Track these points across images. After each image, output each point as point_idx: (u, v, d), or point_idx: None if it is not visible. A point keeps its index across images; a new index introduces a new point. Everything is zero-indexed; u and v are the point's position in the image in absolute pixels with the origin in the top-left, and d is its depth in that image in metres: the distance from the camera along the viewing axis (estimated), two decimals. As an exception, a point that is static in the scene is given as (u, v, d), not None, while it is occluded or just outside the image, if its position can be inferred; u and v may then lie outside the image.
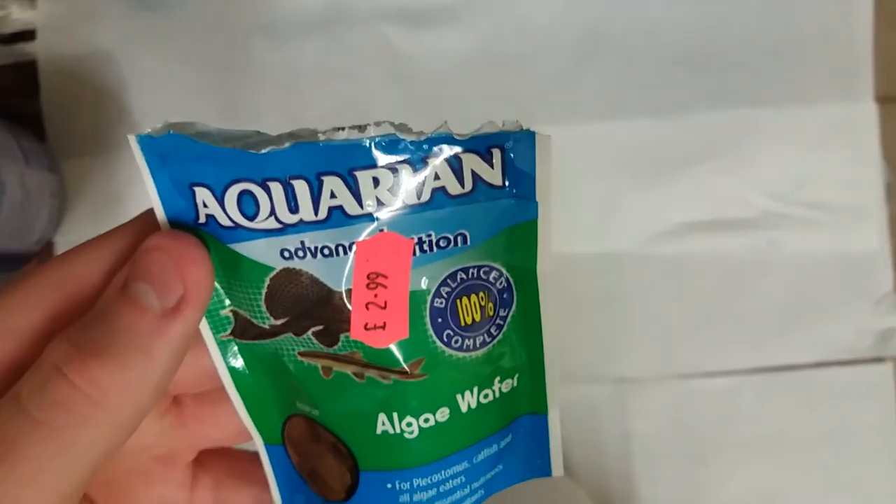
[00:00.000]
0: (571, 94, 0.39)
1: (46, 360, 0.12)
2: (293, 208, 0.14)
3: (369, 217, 0.14)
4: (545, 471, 0.18)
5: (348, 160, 0.13)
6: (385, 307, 0.14)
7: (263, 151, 0.13)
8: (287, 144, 0.13)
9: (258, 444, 0.17)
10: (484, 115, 0.15)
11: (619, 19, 0.39)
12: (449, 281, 0.15)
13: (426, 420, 0.15)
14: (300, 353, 0.15)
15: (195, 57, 0.39)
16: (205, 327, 0.16)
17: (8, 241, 0.35)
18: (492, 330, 0.16)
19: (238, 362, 0.16)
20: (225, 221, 0.14)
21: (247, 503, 0.18)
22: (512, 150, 0.14)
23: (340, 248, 0.14)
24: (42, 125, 0.40)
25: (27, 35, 0.41)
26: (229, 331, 0.16)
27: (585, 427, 0.40)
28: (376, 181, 0.14)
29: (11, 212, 0.34)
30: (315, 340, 0.15)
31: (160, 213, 0.15)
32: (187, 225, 0.15)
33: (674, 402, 0.39)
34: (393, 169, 0.14)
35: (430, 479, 0.16)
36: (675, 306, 0.39)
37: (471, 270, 0.15)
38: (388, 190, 0.14)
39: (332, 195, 0.14)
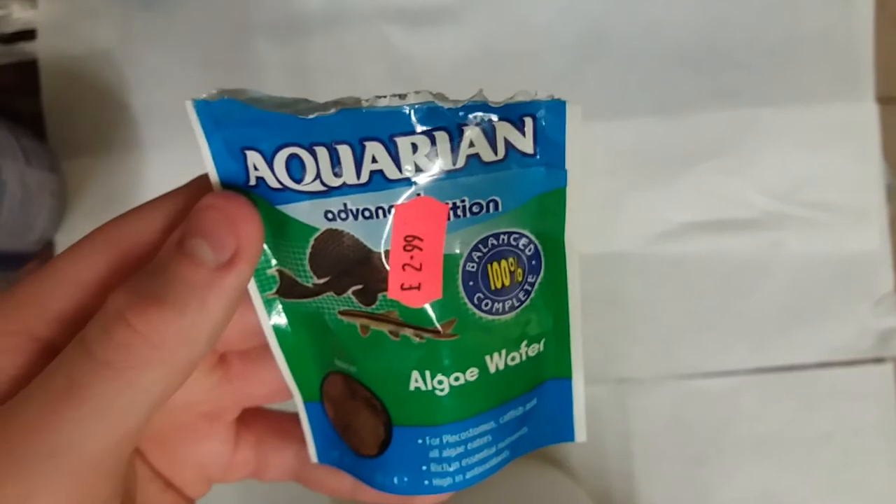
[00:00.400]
0: (572, 93, 0.39)
1: (110, 306, 0.13)
2: (337, 172, 0.14)
3: (407, 181, 0.14)
4: (568, 435, 0.18)
5: (389, 126, 0.14)
6: (420, 269, 0.15)
7: (311, 117, 0.14)
8: (332, 111, 0.14)
9: (297, 400, 0.18)
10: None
11: (620, 19, 0.39)
12: (480, 246, 0.15)
13: (456, 379, 0.16)
14: (340, 312, 0.16)
15: (196, 56, 0.40)
16: (252, 286, 0.16)
17: (8, 240, 0.35)
18: (520, 295, 0.16)
19: (282, 320, 0.17)
20: (274, 184, 0.15)
21: (286, 460, 0.19)
22: (543, 118, 0.15)
23: (380, 211, 0.15)
24: (43, 125, 0.40)
25: (28, 34, 0.41)
26: (275, 289, 0.16)
27: (586, 426, 0.40)
28: (415, 147, 0.14)
29: (12, 211, 0.34)
30: (354, 299, 0.16)
31: (213, 176, 0.15)
32: (239, 186, 0.15)
33: (674, 402, 0.39)
34: (430, 135, 0.14)
35: (459, 437, 0.16)
36: (676, 306, 0.39)
37: (501, 236, 0.15)
38: (425, 156, 0.14)
39: (374, 160, 0.14)
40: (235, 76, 0.39)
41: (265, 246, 0.16)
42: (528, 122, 0.15)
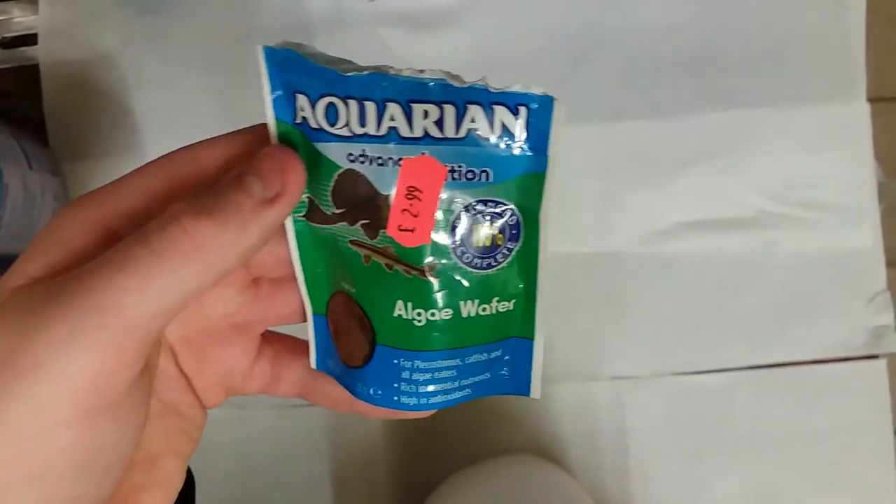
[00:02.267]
0: (569, 95, 0.40)
1: (170, 210, 0.16)
2: (362, 123, 0.17)
3: (416, 141, 0.17)
4: (524, 390, 0.21)
5: (409, 93, 0.17)
6: (416, 216, 0.18)
7: (348, 74, 0.17)
8: (366, 72, 0.17)
9: (308, 312, 0.21)
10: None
11: (617, 22, 0.40)
12: (470, 207, 0.18)
13: (432, 314, 0.19)
14: (350, 241, 0.19)
15: (196, 60, 0.40)
16: None
17: (11, 243, 0.36)
18: (498, 257, 0.19)
19: (305, 240, 0.20)
20: (313, 124, 0.18)
21: (296, 373, 0.22)
22: (535, 110, 0.17)
23: (391, 161, 0.18)
24: (44, 128, 0.40)
25: (29, 39, 0.41)
26: (304, 213, 0.19)
27: (582, 423, 0.40)
28: (426, 113, 0.17)
29: (14, 214, 0.35)
30: (362, 231, 0.19)
31: (269, 111, 0.18)
32: (287, 122, 0.18)
33: (670, 399, 0.40)
34: (440, 106, 0.17)
35: (428, 364, 0.19)
36: (672, 305, 0.40)
37: (489, 203, 0.18)
38: (434, 122, 0.17)
39: (392, 118, 0.17)
40: (236, 80, 0.40)
41: None
42: (522, 110, 0.17)
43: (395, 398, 0.19)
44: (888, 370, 0.40)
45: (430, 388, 0.19)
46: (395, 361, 0.19)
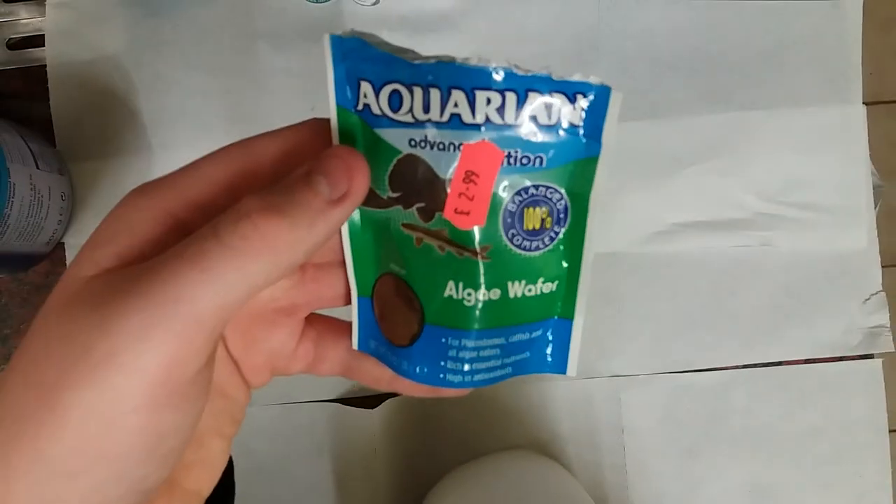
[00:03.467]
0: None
1: (243, 206, 0.17)
2: (426, 109, 0.18)
3: (478, 127, 0.18)
4: (562, 368, 0.21)
5: (473, 80, 0.17)
6: (472, 199, 0.18)
7: (415, 62, 0.18)
8: (432, 61, 0.18)
9: (353, 294, 0.22)
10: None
11: (614, 25, 0.40)
12: (523, 191, 0.19)
13: (482, 294, 0.19)
14: (403, 224, 0.19)
15: (201, 61, 0.40)
16: None
17: (18, 242, 0.36)
18: (545, 240, 0.20)
19: (357, 223, 0.20)
20: (376, 110, 0.19)
21: (338, 353, 0.23)
22: (592, 99, 0.18)
23: (451, 146, 0.18)
24: (51, 129, 0.41)
25: (36, 40, 0.42)
26: None
27: (580, 421, 0.40)
28: (488, 101, 0.18)
29: (21, 213, 0.35)
30: (416, 215, 0.19)
31: (332, 98, 0.19)
32: (348, 109, 0.19)
33: (667, 397, 0.40)
34: (503, 94, 0.18)
35: (475, 343, 0.20)
36: (669, 304, 0.40)
37: (541, 188, 0.19)
38: (495, 109, 0.18)
39: (455, 105, 0.18)
40: (240, 81, 0.40)
41: None
42: (580, 99, 0.18)
43: (441, 376, 0.20)
44: (883, 370, 0.41)
45: (476, 366, 0.20)
46: (443, 340, 0.20)
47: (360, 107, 0.19)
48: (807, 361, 0.41)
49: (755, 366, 0.40)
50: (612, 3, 0.40)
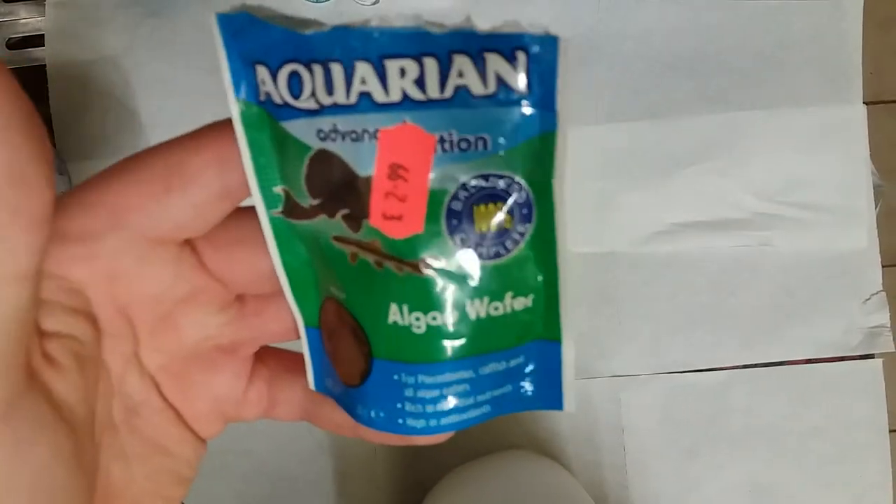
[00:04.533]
0: (567, 98, 0.40)
1: None
2: (329, 90, 0.14)
3: (394, 107, 0.14)
4: (556, 403, 0.17)
5: (378, 47, 0.14)
6: (404, 200, 0.15)
7: (307, 33, 0.14)
8: (328, 27, 0.14)
9: (299, 325, 0.18)
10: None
11: (613, 25, 0.40)
12: (467, 185, 0.15)
13: (433, 318, 0.16)
14: (334, 238, 0.16)
15: (201, 62, 0.40)
16: (259, 203, 0.16)
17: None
18: (507, 243, 0.16)
19: (286, 241, 0.17)
20: (277, 99, 0.15)
21: (295, 394, 0.20)
22: (536, 54, 0.14)
23: (366, 134, 0.14)
24: (50, 128, 0.41)
25: (36, 40, 0.42)
26: (280, 208, 0.16)
27: (580, 420, 0.40)
28: (403, 71, 0.14)
29: (22, 213, 0.35)
30: (344, 224, 0.15)
31: (229, 90, 0.15)
32: (251, 102, 0.15)
33: (666, 396, 0.40)
34: (419, 60, 0.14)
35: (435, 379, 0.16)
36: (668, 304, 0.40)
37: (490, 178, 0.15)
38: (413, 81, 0.14)
39: (363, 81, 0.14)
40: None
41: (273, 163, 0.16)
42: (521, 56, 0.14)
43: (400, 421, 0.17)
44: (884, 370, 0.41)
45: (441, 406, 0.16)
46: (396, 377, 0.16)
47: (262, 97, 0.15)
48: (807, 361, 0.41)
49: (755, 366, 0.40)
50: (611, 3, 0.40)
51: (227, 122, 0.16)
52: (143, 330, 0.17)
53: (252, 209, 0.16)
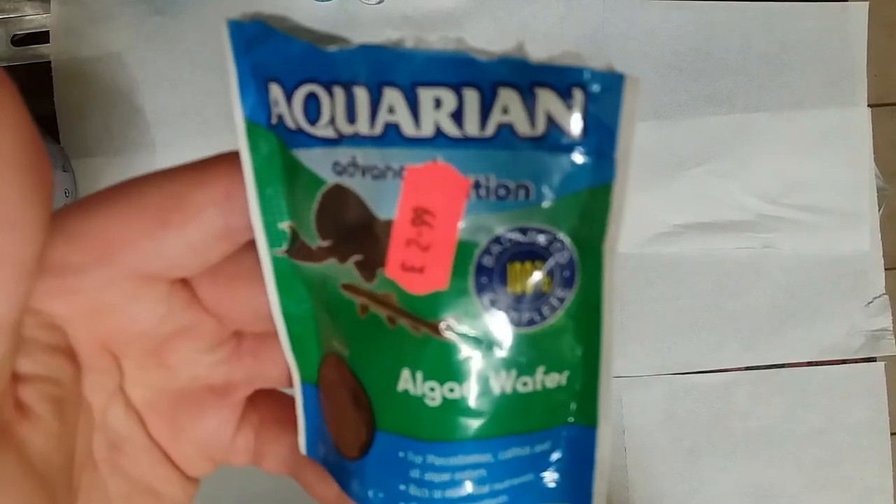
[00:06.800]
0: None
1: None
2: (351, 118, 0.12)
3: (424, 141, 0.12)
4: (584, 500, 0.15)
5: (412, 72, 0.12)
6: (427, 249, 0.13)
7: (331, 50, 0.12)
8: (354, 46, 0.12)
9: (295, 380, 0.16)
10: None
11: (618, 26, 0.40)
12: (503, 239, 0.13)
13: (451, 390, 0.13)
14: (342, 286, 0.14)
15: (205, 59, 0.40)
16: (261, 240, 0.14)
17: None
18: (543, 310, 0.13)
19: (287, 286, 0.15)
20: (290, 124, 0.13)
21: (282, 449, 0.18)
22: (596, 94, 0.12)
23: (390, 172, 0.12)
24: (55, 125, 0.41)
25: (41, 37, 0.42)
26: (285, 247, 0.14)
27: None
28: (438, 102, 0.12)
29: (26, 209, 0.35)
30: (356, 272, 0.13)
31: (238, 110, 0.14)
32: (260, 125, 0.14)
33: (668, 398, 0.40)
34: (458, 90, 0.12)
35: (446, 461, 0.14)
36: (671, 306, 0.40)
37: (530, 233, 0.13)
38: (449, 114, 0.12)
39: (391, 110, 0.12)
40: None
41: (281, 195, 0.14)
42: (578, 94, 0.12)
43: None
44: (886, 373, 0.41)
45: (451, 493, 0.14)
46: (401, 454, 0.14)
47: (273, 120, 0.13)
48: (809, 364, 0.41)
49: (757, 368, 0.40)
50: (616, 3, 0.40)
51: (237, 156, 0.14)
52: (128, 364, 0.16)
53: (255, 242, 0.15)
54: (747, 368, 0.40)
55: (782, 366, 0.41)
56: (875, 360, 0.41)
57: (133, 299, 0.15)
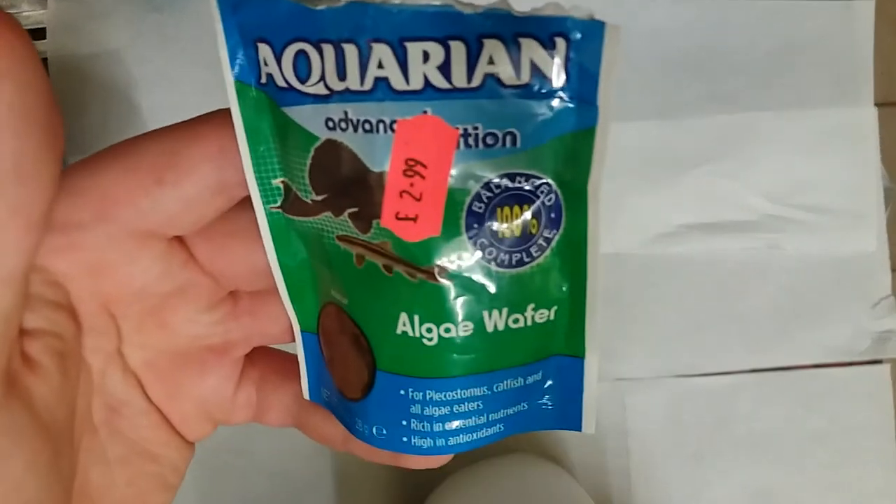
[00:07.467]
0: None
1: None
2: (341, 74, 0.13)
3: (414, 94, 0.13)
4: (575, 423, 0.16)
5: (399, 28, 0.12)
6: (420, 199, 0.13)
7: (319, 8, 0.13)
8: (342, 3, 0.12)
9: (295, 329, 0.17)
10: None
11: (621, 22, 0.40)
12: (492, 185, 0.13)
13: (447, 330, 0.14)
14: (338, 238, 0.15)
15: (203, 57, 0.40)
16: (256, 197, 0.15)
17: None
18: (532, 250, 0.14)
19: (283, 240, 0.16)
20: (280, 82, 0.14)
21: (286, 399, 0.18)
22: (578, 41, 0.12)
23: (381, 125, 0.13)
24: (52, 123, 0.40)
25: (38, 33, 0.41)
26: (279, 203, 0.15)
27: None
28: (426, 55, 0.12)
29: (22, 208, 0.35)
30: (350, 224, 0.14)
31: (227, 70, 0.14)
32: (249, 84, 0.14)
33: (672, 400, 0.40)
34: (445, 43, 0.12)
35: (444, 396, 0.15)
36: (675, 307, 0.40)
37: (517, 178, 0.13)
38: (437, 67, 0.12)
39: (380, 65, 0.13)
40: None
41: (273, 152, 0.15)
42: (561, 43, 0.12)
43: (405, 439, 0.15)
44: (891, 375, 0.40)
45: (450, 425, 0.15)
46: (402, 392, 0.15)
47: (262, 79, 0.14)
48: (814, 366, 0.40)
49: (762, 370, 0.40)
50: (618, 0, 0.40)
51: (229, 112, 0.15)
52: (127, 326, 0.16)
53: (249, 199, 0.15)
54: (752, 371, 0.40)
55: (787, 368, 0.40)
56: (881, 363, 0.40)
57: (131, 257, 0.15)
